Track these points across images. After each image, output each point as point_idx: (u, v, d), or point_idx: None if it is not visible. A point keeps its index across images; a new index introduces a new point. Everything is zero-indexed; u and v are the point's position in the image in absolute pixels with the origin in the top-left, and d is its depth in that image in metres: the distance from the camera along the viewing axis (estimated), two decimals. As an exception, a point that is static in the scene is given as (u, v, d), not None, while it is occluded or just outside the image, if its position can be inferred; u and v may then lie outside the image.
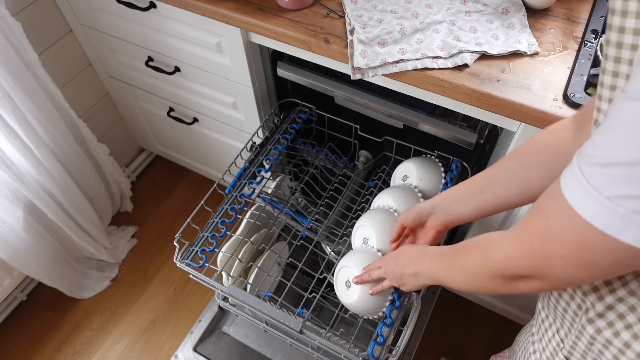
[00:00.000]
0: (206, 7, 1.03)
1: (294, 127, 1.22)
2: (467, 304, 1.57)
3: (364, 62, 0.90)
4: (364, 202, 1.21)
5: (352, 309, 0.97)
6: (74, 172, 1.51)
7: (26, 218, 1.39)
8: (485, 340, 1.56)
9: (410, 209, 0.86)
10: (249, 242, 1.13)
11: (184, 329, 1.60)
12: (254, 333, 1.37)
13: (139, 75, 1.48)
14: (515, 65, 0.88)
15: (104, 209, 1.74)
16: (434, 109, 1.09)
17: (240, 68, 1.18)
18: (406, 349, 1.28)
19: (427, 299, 1.39)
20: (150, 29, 1.25)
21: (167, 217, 1.88)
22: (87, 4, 1.31)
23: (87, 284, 1.68)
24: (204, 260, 1.01)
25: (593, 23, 0.94)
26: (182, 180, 1.99)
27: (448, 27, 0.95)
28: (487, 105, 0.86)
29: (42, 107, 1.29)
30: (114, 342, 1.59)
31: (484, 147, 1.11)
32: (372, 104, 1.10)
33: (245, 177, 1.13)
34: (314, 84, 1.14)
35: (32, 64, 1.26)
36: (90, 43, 1.46)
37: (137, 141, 1.93)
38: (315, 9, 1.00)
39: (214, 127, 1.51)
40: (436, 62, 0.89)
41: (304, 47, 0.97)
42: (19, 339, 1.60)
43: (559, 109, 0.81)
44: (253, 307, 0.95)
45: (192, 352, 1.34)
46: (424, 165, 1.12)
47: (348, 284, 0.97)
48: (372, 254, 0.98)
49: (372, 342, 0.88)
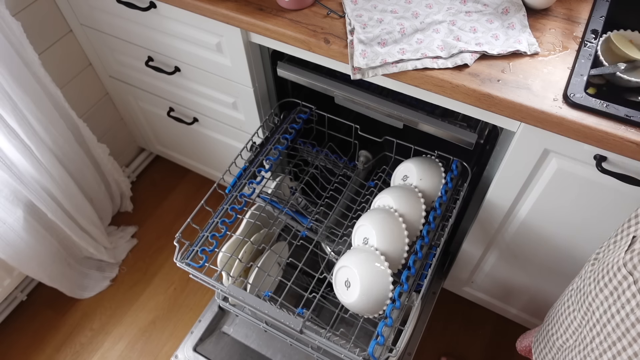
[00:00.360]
0: (206, 7, 1.03)
1: (294, 127, 1.22)
2: (467, 304, 1.57)
3: (364, 62, 0.90)
4: (364, 202, 1.21)
5: (352, 308, 0.97)
6: (74, 172, 1.51)
7: (26, 218, 1.39)
8: (485, 340, 1.56)
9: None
10: (249, 242, 1.13)
11: (184, 329, 1.60)
12: (254, 333, 1.37)
13: (139, 75, 1.48)
14: (515, 65, 0.88)
15: (104, 209, 1.74)
16: (434, 109, 1.09)
17: (240, 68, 1.18)
18: (406, 349, 1.28)
19: (427, 299, 1.39)
20: (150, 29, 1.25)
21: (167, 217, 1.88)
22: (87, 4, 1.31)
23: (87, 284, 1.68)
24: (204, 260, 1.01)
25: (593, 23, 0.94)
26: (182, 180, 1.99)
27: (448, 27, 0.95)
28: (487, 105, 0.86)
29: (42, 107, 1.29)
30: (114, 342, 1.59)
31: (484, 147, 1.11)
32: (372, 104, 1.10)
33: (246, 177, 1.13)
34: (314, 84, 1.14)
35: (32, 64, 1.26)
36: (90, 43, 1.47)
37: (137, 141, 1.93)
38: (315, 9, 1.00)
39: (214, 127, 1.51)
40: (436, 62, 0.89)
41: (304, 47, 0.97)
42: (19, 339, 1.60)
43: (559, 109, 0.81)
44: (253, 307, 0.95)
45: (192, 352, 1.34)
46: (424, 165, 1.12)
47: (348, 284, 0.97)
48: (372, 254, 0.99)
49: (372, 342, 0.88)
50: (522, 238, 1.15)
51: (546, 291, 1.26)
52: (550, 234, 1.09)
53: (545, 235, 1.10)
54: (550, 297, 1.27)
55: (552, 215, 1.04)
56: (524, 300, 1.36)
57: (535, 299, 1.32)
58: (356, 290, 0.94)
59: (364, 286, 0.94)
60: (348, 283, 0.97)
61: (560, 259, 1.13)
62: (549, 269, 1.19)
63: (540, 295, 1.29)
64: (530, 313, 1.40)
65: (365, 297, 0.95)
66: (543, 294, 1.28)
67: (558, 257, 1.14)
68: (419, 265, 0.99)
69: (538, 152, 0.92)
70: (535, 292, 1.30)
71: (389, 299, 0.95)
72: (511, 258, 1.23)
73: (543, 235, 1.10)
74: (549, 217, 1.05)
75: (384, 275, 0.95)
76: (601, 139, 0.79)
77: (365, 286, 0.94)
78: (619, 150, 0.79)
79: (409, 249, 1.02)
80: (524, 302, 1.37)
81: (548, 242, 1.11)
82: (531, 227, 1.10)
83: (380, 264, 0.96)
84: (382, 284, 0.95)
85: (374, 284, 0.95)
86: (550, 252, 1.13)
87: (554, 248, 1.11)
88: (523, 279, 1.28)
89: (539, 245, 1.14)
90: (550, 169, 0.95)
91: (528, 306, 1.38)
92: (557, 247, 1.11)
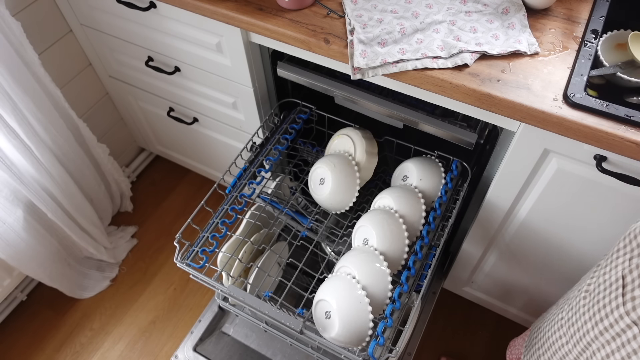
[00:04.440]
0: (206, 7, 1.03)
1: (294, 127, 1.22)
2: (467, 304, 1.57)
3: (364, 62, 0.90)
4: (364, 202, 1.21)
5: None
6: (74, 172, 1.51)
7: (26, 218, 1.39)
8: (485, 340, 1.56)
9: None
10: (249, 242, 1.13)
11: (184, 329, 1.60)
12: (254, 333, 1.37)
13: (139, 75, 1.48)
14: (515, 65, 0.88)
15: (104, 209, 1.74)
16: (434, 109, 1.09)
17: (240, 68, 1.18)
18: (406, 349, 1.28)
19: (427, 299, 1.39)
20: (150, 29, 1.25)
21: (167, 217, 1.88)
22: (87, 4, 1.31)
23: (87, 284, 1.68)
24: (204, 260, 1.01)
25: (593, 23, 0.94)
26: (182, 180, 1.99)
27: (448, 27, 0.95)
28: (487, 105, 0.86)
29: (42, 107, 1.29)
30: (114, 342, 1.59)
31: (484, 147, 1.11)
32: (372, 104, 1.10)
33: (246, 178, 1.13)
34: (314, 84, 1.14)
35: (32, 64, 1.26)
36: (90, 43, 1.46)
37: (137, 141, 1.93)
38: (315, 9, 1.00)
39: (214, 127, 1.51)
40: (436, 62, 0.89)
41: (304, 47, 0.97)
42: (19, 339, 1.60)
43: (559, 109, 0.81)
44: (253, 308, 0.95)
45: (192, 352, 1.34)
46: (424, 165, 1.12)
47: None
48: (372, 254, 0.99)
49: (372, 342, 0.88)
50: (522, 238, 1.15)
51: (546, 291, 1.26)
52: (550, 234, 1.09)
53: (545, 235, 1.10)
54: (550, 297, 1.27)
55: (552, 215, 1.04)
56: (524, 300, 1.36)
57: (535, 299, 1.32)
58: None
59: (364, 287, 0.94)
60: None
61: (560, 259, 1.13)
62: (549, 269, 1.18)
63: (540, 295, 1.29)
64: (530, 313, 1.40)
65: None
66: (543, 294, 1.28)
67: (558, 257, 1.14)
68: (418, 265, 0.99)
69: (538, 152, 0.92)
70: (535, 292, 1.30)
71: (389, 299, 0.95)
72: (511, 258, 1.23)
73: (543, 235, 1.10)
74: (549, 217, 1.05)
75: (384, 275, 0.95)
76: (601, 139, 0.79)
77: (366, 287, 0.94)
78: (619, 150, 0.79)
79: (409, 250, 1.02)
80: (524, 302, 1.37)
81: (548, 242, 1.11)
82: (531, 227, 1.10)
83: (380, 265, 0.96)
84: (382, 284, 0.95)
85: (374, 285, 0.95)
86: (550, 252, 1.13)
87: (554, 248, 1.11)
88: (523, 279, 1.28)
89: (539, 245, 1.14)
90: (550, 169, 0.95)
91: (528, 306, 1.38)
92: (557, 247, 1.11)
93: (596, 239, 1.02)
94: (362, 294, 0.92)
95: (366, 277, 0.95)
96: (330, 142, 1.23)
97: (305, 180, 1.27)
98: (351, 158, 1.15)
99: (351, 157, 1.15)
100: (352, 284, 0.94)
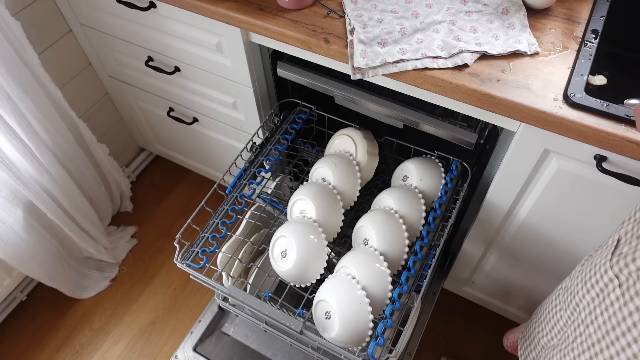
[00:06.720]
0: (206, 7, 1.03)
1: (294, 127, 1.22)
2: (467, 304, 1.57)
3: (364, 62, 0.90)
4: (364, 202, 1.21)
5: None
6: (74, 172, 1.51)
7: (26, 218, 1.38)
8: (485, 340, 1.56)
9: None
10: (249, 243, 1.13)
11: (184, 329, 1.60)
12: (254, 333, 1.37)
13: (139, 75, 1.48)
14: (515, 65, 0.88)
15: (103, 209, 1.74)
16: (434, 109, 1.09)
17: (240, 68, 1.18)
18: (406, 349, 1.28)
19: (427, 299, 1.39)
20: (150, 29, 1.25)
21: (167, 217, 1.88)
22: (87, 4, 1.31)
23: (87, 284, 1.68)
24: (205, 261, 1.01)
25: (593, 23, 0.94)
26: (182, 180, 1.99)
27: (448, 27, 0.95)
28: (487, 105, 0.86)
29: (42, 107, 1.29)
30: (113, 342, 1.59)
31: (484, 147, 1.11)
32: (372, 104, 1.10)
33: (246, 178, 1.13)
34: (314, 84, 1.14)
35: (32, 64, 1.26)
36: (90, 43, 1.46)
37: (137, 141, 1.93)
38: (315, 9, 1.00)
39: (214, 127, 1.51)
40: (436, 62, 0.89)
41: (304, 47, 0.97)
42: (19, 339, 1.60)
43: (559, 109, 0.81)
44: (253, 308, 0.95)
45: (192, 352, 1.33)
46: (424, 165, 1.12)
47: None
48: (372, 255, 0.99)
49: (372, 342, 0.88)
50: (522, 238, 1.15)
51: (546, 291, 1.26)
52: (550, 234, 1.09)
53: (546, 235, 1.10)
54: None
55: (552, 215, 1.04)
56: (524, 300, 1.36)
57: (535, 298, 1.32)
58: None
59: (364, 287, 0.94)
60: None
61: (561, 258, 1.13)
62: (549, 268, 1.18)
63: (540, 295, 1.29)
64: (530, 313, 1.40)
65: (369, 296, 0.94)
66: (543, 294, 1.28)
67: (558, 257, 1.14)
68: (418, 265, 0.99)
69: (538, 152, 0.92)
70: (535, 292, 1.29)
71: (389, 299, 0.95)
72: (511, 258, 1.23)
73: (543, 235, 1.10)
74: (549, 217, 1.05)
75: (384, 276, 0.95)
76: (601, 138, 0.79)
77: (366, 287, 0.94)
78: (619, 150, 0.79)
79: (409, 250, 1.02)
80: (524, 301, 1.37)
81: (548, 242, 1.11)
82: (531, 227, 1.10)
83: (380, 265, 0.96)
84: (381, 284, 0.95)
85: (374, 285, 0.94)
86: (551, 252, 1.13)
87: (554, 248, 1.11)
88: (523, 279, 1.28)
89: (539, 245, 1.14)
90: (550, 169, 0.95)
91: (528, 306, 1.38)
92: (557, 247, 1.11)
93: (596, 238, 1.02)
94: (362, 294, 0.92)
95: (366, 278, 0.95)
96: (330, 142, 1.22)
97: (306, 180, 1.27)
98: (352, 158, 1.15)
99: (352, 157, 1.15)
100: (352, 284, 0.94)
